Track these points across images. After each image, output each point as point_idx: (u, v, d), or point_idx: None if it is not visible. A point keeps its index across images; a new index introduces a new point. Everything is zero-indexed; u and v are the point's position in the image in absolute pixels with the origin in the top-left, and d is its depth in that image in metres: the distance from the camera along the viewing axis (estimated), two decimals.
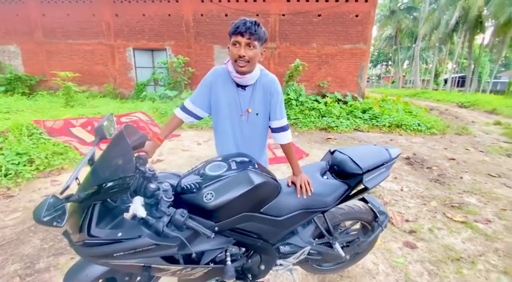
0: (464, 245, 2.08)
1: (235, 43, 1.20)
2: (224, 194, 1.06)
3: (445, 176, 3.58)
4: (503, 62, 35.55)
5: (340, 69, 9.20)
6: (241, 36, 1.17)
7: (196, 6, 8.89)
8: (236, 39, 1.19)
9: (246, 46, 1.19)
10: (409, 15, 27.23)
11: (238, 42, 1.19)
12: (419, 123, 6.83)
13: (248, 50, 1.20)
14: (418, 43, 24.94)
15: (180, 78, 8.97)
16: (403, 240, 2.12)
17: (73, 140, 4.26)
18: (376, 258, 1.90)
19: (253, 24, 1.17)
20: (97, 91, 9.70)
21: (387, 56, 41.42)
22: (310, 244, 1.39)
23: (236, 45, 1.20)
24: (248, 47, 1.20)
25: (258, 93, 1.36)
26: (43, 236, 2.15)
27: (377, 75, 53.13)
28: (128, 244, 0.96)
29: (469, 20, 18.08)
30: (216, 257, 1.21)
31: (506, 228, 2.33)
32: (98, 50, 9.59)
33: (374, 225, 1.52)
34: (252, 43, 1.19)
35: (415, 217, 2.50)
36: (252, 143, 1.48)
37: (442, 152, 4.76)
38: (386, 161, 1.35)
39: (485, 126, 7.72)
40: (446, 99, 15.08)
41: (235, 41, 1.20)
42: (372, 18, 8.78)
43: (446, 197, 2.94)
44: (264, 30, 1.23)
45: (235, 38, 1.20)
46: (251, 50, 1.20)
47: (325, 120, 6.88)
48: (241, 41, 1.18)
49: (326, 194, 1.28)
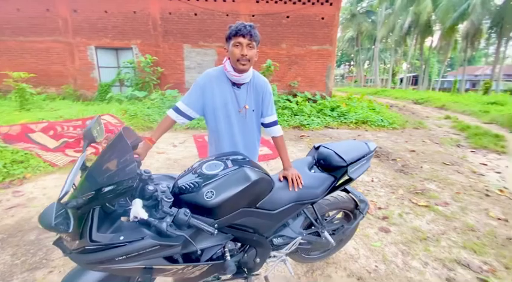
0: (429, 226, 2.35)
1: (237, 44, 1.31)
2: (224, 192, 1.10)
3: (408, 166, 3.95)
4: (449, 62, 39.59)
5: (309, 70, 9.57)
6: (242, 37, 1.29)
7: (163, 4, 8.62)
8: (238, 41, 1.30)
9: (247, 46, 1.31)
10: (368, 19, 29.10)
11: (240, 43, 1.30)
12: (382, 119, 7.39)
13: (249, 50, 1.32)
14: (377, 45, 26.84)
15: (149, 78, 8.63)
16: (378, 226, 2.32)
17: (34, 146, 3.91)
18: (356, 244, 2.06)
19: (252, 28, 1.30)
20: (55, 93, 8.92)
21: (349, 57, 43.83)
22: (301, 234, 1.48)
23: (238, 46, 1.31)
24: (249, 47, 1.32)
25: (253, 92, 1.49)
26: (13, 251, 1.98)
27: (341, 74, 55.85)
28: (130, 247, 0.96)
29: (420, 25, 19.90)
30: (215, 253, 1.24)
31: (461, 209, 2.66)
32: (54, 48, 8.82)
33: (356, 212, 1.66)
34: (251, 44, 1.32)
35: (386, 204, 2.74)
36: (250, 139, 1.59)
37: (403, 145, 5.22)
38: (366, 154, 1.49)
39: (437, 120, 8.59)
40: (403, 97, 16.44)
41: (237, 42, 1.30)
42: (336, 21, 9.27)
43: (411, 185, 3.26)
44: (258, 33, 1.35)
45: (236, 39, 1.30)
46: (251, 50, 1.33)
47: (298, 118, 7.13)
48: (243, 42, 1.29)
49: (315, 186, 1.38)
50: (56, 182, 3.18)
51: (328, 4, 8.97)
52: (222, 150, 1.55)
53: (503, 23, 15.67)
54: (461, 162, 4.17)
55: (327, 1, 8.94)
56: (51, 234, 2.19)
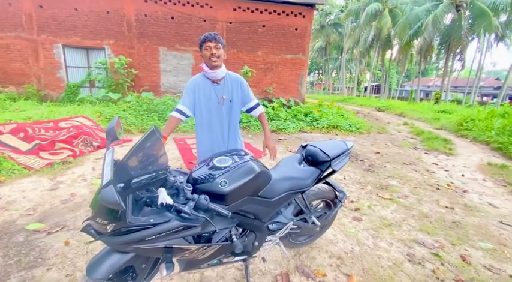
0: (393, 215, 2.75)
1: (207, 48, 1.72)
2: (235, 181, 1.31)
3: (374, 166, 4.44)
4: (406, 74, 43.40)
5: (283, 77, 10.04)
6: (210, 42, 1.71)
7: (139, 5, 8.51)
8: (207, 45, 1.71)
9: (215, 48, 1.72)
10: (336, 31, 31.01)
11: (209, 46, 1.71)
12: (350, 124, 8.03)
13: (216, 50, 1.72)
14: (344, 55, 28.64)
15: (123, 80, 8.42)
16: (351, 216, 2.66)
17: (4, 149, 3.71)
18: (334, 231, 2.37)
19: (216, 34, 1.73)
20: (15, 92, 8.29)
21: (319, 65, 45.99)
22: (292, 220, 1.73)
23: (208, 49, 1.72)
24: (216, 48, 1.72)
25: (229, 85, 1.89)
26: (3, 253, 1.96)
27: (310, 82, 58.24)
28: (159, 228, 1.12)
29: (381, 39, 21.75)
30: (223, 236, 1.43)
31: (418, 201, 3.13)
32: (15, 44, 8.23)
33: (336, 201, 1.96)
34: (218, 45, 1.73)
35: (357, 198, 3.11)
36: (229, 126, 1.97)
37: (369, 148, 5.79)
38: (345, 150, 1.80)
39: (397, 126, 9.52)
40: (367, 104, 17.78)
41: (207, 46, 1.72)
42: (308, 32, 9.88)
43: (377, 181, 3.70)
44: (222, 38, 1.78)
45: (205, 44, 1.71)
46: (218, 50, 1.73)
47: (274, 123, 7.47)
48: (211, 45, 1.71)
49: (305, 177, 1.64)
50: (34, 185, 3.08)
51: (301, 16, 9.55)
52: (201, 141, 1.96)
53: (451, 40, 17.82)
54: (417, 162, 4.78)
55: (300, 13, 9.52)
56: (42, 235, 2.19)
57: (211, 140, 1.95)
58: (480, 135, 6.87)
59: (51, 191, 2.98)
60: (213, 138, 1.95)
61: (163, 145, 1.13)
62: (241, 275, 1.80)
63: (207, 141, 1.96)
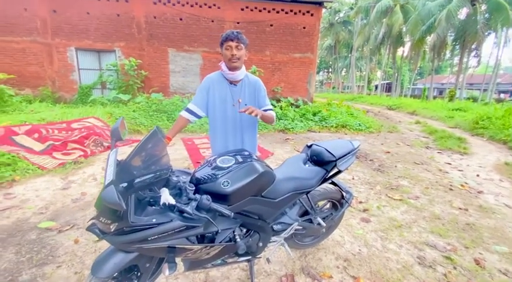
0: (403, 216, 2.67)
1: (228, 47, 1.60)
2: (238, 181, 1.30)
3: (384, 165, 4.35)
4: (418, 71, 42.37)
5: (292, 76, 9.98)
6: (231, 41, 1.58)
7: (148, 7, 8.65)
8: (228, 44, 1.59)
9: (236, 48, 1.60)
10: (345, 29, 30.58)
11: (230, 46, 1.59)
12: (360, 123, 7.90)
13: (237, 50, 1.61)
14: (354, 53, 28.21)
15: (133, 81, 8.58)
16: (360, 217, 2.61)
17: (19, 149, 3.84)
18: (341, 233, 2.32)
19: (239, 33, 1.60)
20: (31, 94, 8.57)
21: (328, 64, 45.53)
22: (297, 221, 1.71)
23: (228, 49, 1.60)
24: (237, 49, 1.60)
25: (247, 88, 1.76)
26: (16, 250, 2.02)
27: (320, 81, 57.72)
28: (162, 228, 1.13)
29: (392, 35, 21.29)
30: (226, 237, 1.43)
31: (430, 201, 3.03)
32: (31, 48, 8.51)
33: (342, 202, 1.92)
34: (239, 46, 1.61)
35: (366, 199, 3.05)
36: (244, 130, 1.81)
37: (379, 147, 5.67)
38: (352, 150, 1.76)
39: (408, 125, 9.29)
40: (378, 103, 17.46)
41: (228, 46, 1.59)
42: (317, 30, 9.79)
43: (387, 181, 3.62)
44: (245, 37, 1.65)
45: (227, 43, 1.59)
46: (239, 50, 1.62)
47: (282, 122, 7.43)
48: (232, 44, 1.58)
49: (310, 178, 1.62)
50: (47, 185, 3.17)
51: (309, 15, 9.47)
52: (216, 144, 1.83)
53: (466, 35, 17.22)
54: (429, 162, 4.64)
55: (308, 12, 9.43)
56: (53, 233, 2.25)
57: (226, 145, 1.80)
58: (497, 134, 6.62)
59: (63, 190, 3.06)
60: (227, 143, 1.80)
61: (165, 145, 1.14)
62: (246, 276, 1.80)
63: (221, 146, 1.81)
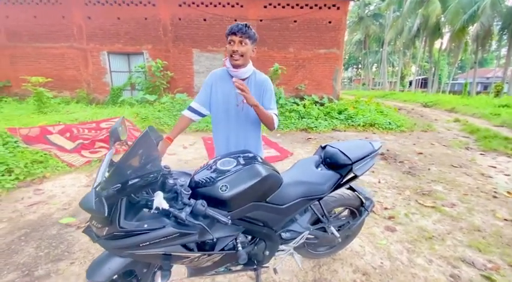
0: (435, 226, 2.38)
1: (230, 41, 1.44)
2: (237, 185, 1.19)
3: (415, 168, 3.97)
4: (459, 64, 38.99)
5: (316, 73, 9.65)
6: (234, 35, 1.41)
7: (173, 10, 8.88)
8: (231, 38, 1.43)
9: (239, 43, 1.43)
10: (376, 22, 29.02)
11: (232, 40, 1.43)
12: (390, 122, 7.38)
13: (240, 46, 1.43)
14: (385, 47, 26.68)
15: (159, 82, 8.87)
16: (384, 225, 2.37)
17: (52, 147, 4.10)
18: (362, 242, 2.12)
19: (244, 26, 1.42)
20: (69, 96, 9.26)
21: (357, 60, 43.64)
22: (308, 229, 1.56)
23: (231, 43, 1.44)
24: (240, 44, 1.43)
25: (253, 88, 1.56)
26: (36, 245, 2.12)
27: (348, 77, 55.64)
28: (153, 234, 1.06)
29: (429, 27, 19.73)
30: (227, 244, 1.33)
31: (468, 210, 2.68)
32: (68, 53, 9.18)
33: (361, 210, 1.73)
34: (243, 41, 1.43)
35: (393, 205, 2.78)
36: (247, 133, 1.65)
37: (411, 147, 5.22)
38: (371, 152, 1.57)
39: (446, 123, 8.50)
40: (412, 100, 16.28)
41: (230, 40, 1.44)
42: (343, 24, 9.34)
43: (418, 186, 3.28)
44: (254, 31, 1.47)
45: (230, 37, 1.43)
46: (243, 46, 1.43)
47: (305, 121, 7.19)
48: (235, 39, 1.42)
49: (321, 182, 1.46)
50: (73, 182, 3.34)
51: (335, 8, 9.06)
52: (222, 145, 1.68)
53: None
54: (469, 165, 4.15)
55: (334, 5, 9.03)
56: (72, 229, 2.33)
57: (228, 147, 1.66)
58: None
59: (86, 187, 3.19)
60: (229, 144, 1.67)
61: (156, 147, 1.07)
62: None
63: (223, 147, 1.69)
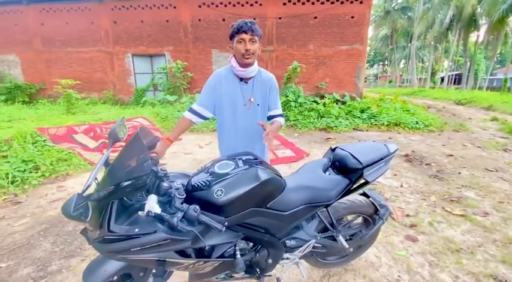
0: (464, 237, 2.14)
1: (240, 40, 1.40)
2: (233, 190, 1.12)
3: (444, 171, 3.65)
4: (498, 58, 35.87)
5: (338, 70, 9.31)
6: (245, 33, 1.38)
7: (193, 11, 9.01)
8: (241, 37, 1.39)
9: (250, 41, 1.40)
10: (404, 15, 27.52)
11: (243, 39, 1.39)
12: (417, 121, 6.92)
13: (252, 44, 1.41)
14: (414, 42, 25.22)
15: (179, 82, 9.06)
16: (404, 234, 2.18)
17: (76, 146, 4.32)
18: (378, 252, 1.96)
19: (253, 24, 1.40)
20: (97, 97, 9.77)
21: (383, 56, 41.77)
22: (315, 238, 1.45)
23: (241, 42, 1.40)
24: (251, 42, 1.41)
25: (259, 86, 1.56)
26: (53, 240, 2.21)
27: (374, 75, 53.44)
28: (144, 239, 1.02)
29: (463, 19, 18.30)
30: (226, 251, 1.26)
31: (503, 220, 2.39)
32: (96, 57, 9.68)
33: (375, 218, 1.58)
34: (253, 39, 1.41)
35: (415, 212, 2.56)
36: (254, 135, 1.61)
37: (440, 149, 4.83)
38: (385, 156, 1.42)
39: (482, 122, 7.81)
40: (444, 97, 15.22)
41: (241, 39, 1.40)
42: (367, 19, 8.91)
43: (445, 191, 3.01)
44: (259, 28, 1.45)
45: (239, 36, 1.40)
46: (254, 44, 1.42)
47: (325, 120, 6.96)
48: (246, 37, 1.39)
49: (328, 188, 1.35)
50: None
51: (358, 3, 8.67)
52: (228, 147, 1.65)
53: None
54: (507, 169, 3.74)
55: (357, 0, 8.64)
56: None
57: (235, 149, 1.59)
58: None
59: None
60: (237, 146, 1.62)
61: (145, 149, 1.03)
62: None
63: (229, 149, 1.64)
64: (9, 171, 3.14)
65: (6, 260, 1.96)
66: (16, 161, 3.32)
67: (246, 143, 1.63)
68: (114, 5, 9.16)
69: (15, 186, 3.07)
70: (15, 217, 2.58)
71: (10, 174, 3.12)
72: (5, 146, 3.60)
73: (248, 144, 1.64)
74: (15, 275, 1.82)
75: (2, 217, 2.57)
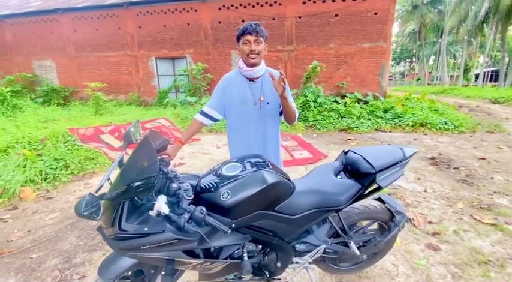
0: (493, 248, 1.98)
1: (246, 42, 1.47)
2: (239, 193, 1.13)
3: (474, 176, 3.40)
4: None
5: (360, 69, 9.00)
6: (249, 35, 1.44)
7: (214, 14, 9.17)
8: (246, 39, 1.46)
9: (255, 42, 1.46)
10: (434, 9, 26.01)
11: (248, 40, 1.46)
12: (446, 121, 6.52)
13: (256, 45, 1.47)
14: (445, 37, 23.73)
15: (200, 84, 9.26)
16: (426, 242, 2.06)
17: (102, 146, 4.57)
18: (396, 260, 1.87)
19: (257, 25, 1.45)
20: (123, 99, 10.27)
21: (411, 53, 39.74)
22: (326, 243, 1.41)
23: (247, 43, 1.47)
24: (256, 43, 1.46)
25: (268, 83, 1.57)
26: (78, 234, 2.35)
27: (400, 72, 51.07)
28: (153, 238, 1.06)
29: (501, 10, 16.91)
30: (234, 253, 1.27)
31: None
32: (123, 60, 10.17)
33: (391, 225, 1.51)
34: (258, 40, 1.46)
35: (440, 219, 2.41)
36: (265, 134, 1.63)
37: (471, 151, 4.51)
38: (400, 160, 1.35)
39: None
40: (478, 96, 14.18)
41: (246, 40, 1.46)
42: (391, 15, 8.54)
43: (475, 198, 2.80)
44: (264, 29, 1.50)
45: (244, 37, 1.46)
46: (259, 45, 1.47)
47: (345, 121, 6.77)
48: (251, 39, 1.45)
49: (339, 193, 1.31)
50: None
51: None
52: (239, 149, 1.67)
53: None
54: None
55: None
56: None
57: (248, 150, 1.60)
58: None
59: None
60: (248, 148, 1.63)
61: (154, 152, 1.07)
62: None
63: (242, 150, 1.64)
64: (43, 169, 3.40)
65: (37, 252, 2.12)
66: (49, 159, 3.59)
67: (258, 144, 1.64)
68: (140, 11, 9.57)
69: (47, 182, 3.31)
70: (47, 211, 2.79)
71: (43, 172, 3.38)
72: (40, 145, 3.90)
73: (260, 146, 1.64)
74: (44, 265, 1.96)
75: (35, 211, 2.79)
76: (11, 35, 10.80)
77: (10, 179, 3.06)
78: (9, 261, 2.00)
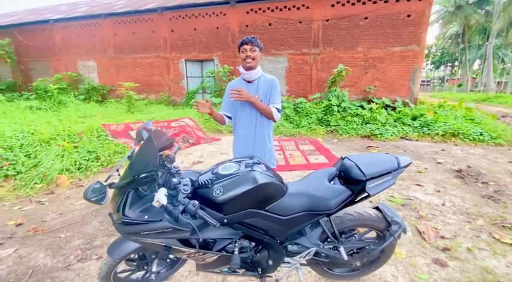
0: (508, 269, 1.85)
1: (243, 50, 1.81)
2: (230, 190, 1.22)
3: (503, 192, 3.15)
4: None
5: (389, 73, 8.66)
6: (246, 45, 1.80)
7: (242, 17, 9.40)
8: (244, 48, 1.81)
9: (250, 50, 1.80)
10: (480, 10, 24.02)
11: (245, 49, 1.81)
12: (481, 132, 6.03)
13: (252, 52, 1.80)
14: (492, 40, 21.81)
15: (224, 86, 9.53)
16: (433, 257, 1.98)
17: (130, 141, 4.93)
18: (397, 271, 1.83)
19: (253, 38, 1.81)
20: (154, 99, 10.91)
21: (452, 56, 37.00)
22: (317, 246, 1.45)
23: (244, 51, 1.81)
24: (251, 51, 1.80)
25: (263, 85, 1.91)
26: (101, 220, 2.61)
27: (440, 77, 47.73)
28: (151, 225, 1.19)
29: None
30: (227, 246, 1.37)
31: None
32: (156, 62, 10.82)
33: (386, 234, 1.50)
34: (253, 48, 1.80)
35: (454, 234, 2.29)
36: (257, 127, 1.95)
37: (505, 166, 4.15)
38: (393, 170, 1.35)
39: None
40: None
41: (243, 49, 1.81)
42: (426, 17, 8.11)
43: (499, 215, 2.61)
44: (260, 42, 1.84)
45: (242, 47, 1.81)
46: (254, 52, 1.81)
47: (369, 127, 6.57)
48: (246, 47, 1.80)
49: (329, 197, 1.34)
50: None
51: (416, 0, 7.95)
52: (235, 147, 2.02)
53: None
54: None
55: None
56: None
57: (244, 140, 1.98)
58: None
59: None
60: (244, 138, 1.98)
61: (155, 149, 1.20)
62: None
63: (240, 142, 2.00)
64: (77, 159, 3.78)
65: (65, 232, 2.40)
66: (83, 151, 3.98)
67: (255, 142, 1.94)
68: (172, 15, 10.12)
69: (80, 172, 3.68)
70: (77, 197, 3.11)
71: (78, 162, 3.76)
72: (77, 138, 4.34)
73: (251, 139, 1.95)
74: (69, 244, 2.22)
75: (67, 197, 3.13)
76: (60, 38, 11.99)
77: (50, 167, 3.47)
78: (41, 238, 2.30)
